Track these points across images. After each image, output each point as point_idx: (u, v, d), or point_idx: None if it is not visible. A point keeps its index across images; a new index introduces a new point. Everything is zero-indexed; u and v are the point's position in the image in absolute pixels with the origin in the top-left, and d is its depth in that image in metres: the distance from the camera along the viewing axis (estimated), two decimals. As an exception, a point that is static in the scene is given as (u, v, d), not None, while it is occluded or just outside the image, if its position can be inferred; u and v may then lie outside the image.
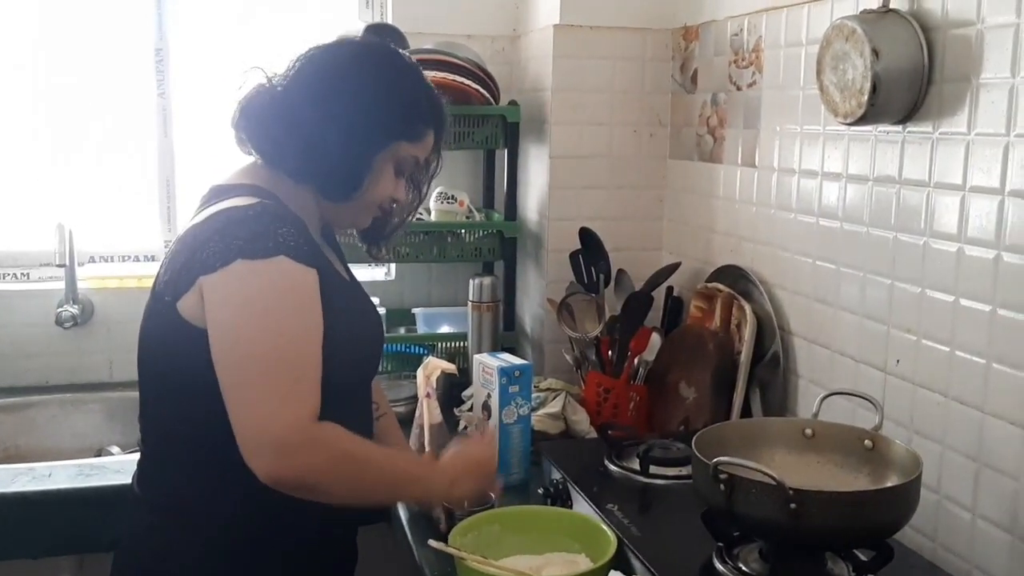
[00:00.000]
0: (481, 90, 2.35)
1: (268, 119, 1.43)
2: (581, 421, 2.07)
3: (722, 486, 1.26)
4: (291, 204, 1.42)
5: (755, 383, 1.98)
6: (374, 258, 1.72)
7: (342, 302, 1.43)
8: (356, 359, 1.48)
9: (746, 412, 1.98)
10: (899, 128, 1.56)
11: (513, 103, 2.44)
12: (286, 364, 1.29)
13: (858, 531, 1.25)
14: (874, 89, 1.47)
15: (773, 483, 1.21)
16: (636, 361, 2.15)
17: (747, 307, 1.97)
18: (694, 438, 1.39)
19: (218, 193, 1.43)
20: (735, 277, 2.06)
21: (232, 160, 1.51)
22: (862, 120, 1.52)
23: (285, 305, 1.31)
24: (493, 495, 1.63)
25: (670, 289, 2.28)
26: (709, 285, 2.11)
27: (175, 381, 1.38)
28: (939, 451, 1.48)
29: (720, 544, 1.39)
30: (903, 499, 1.26)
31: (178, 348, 1.35)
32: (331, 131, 1.39)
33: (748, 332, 1.95)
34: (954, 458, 1.46)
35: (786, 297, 1.91)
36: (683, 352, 2.11)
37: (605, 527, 1.46)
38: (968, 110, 1.42)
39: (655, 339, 2.15)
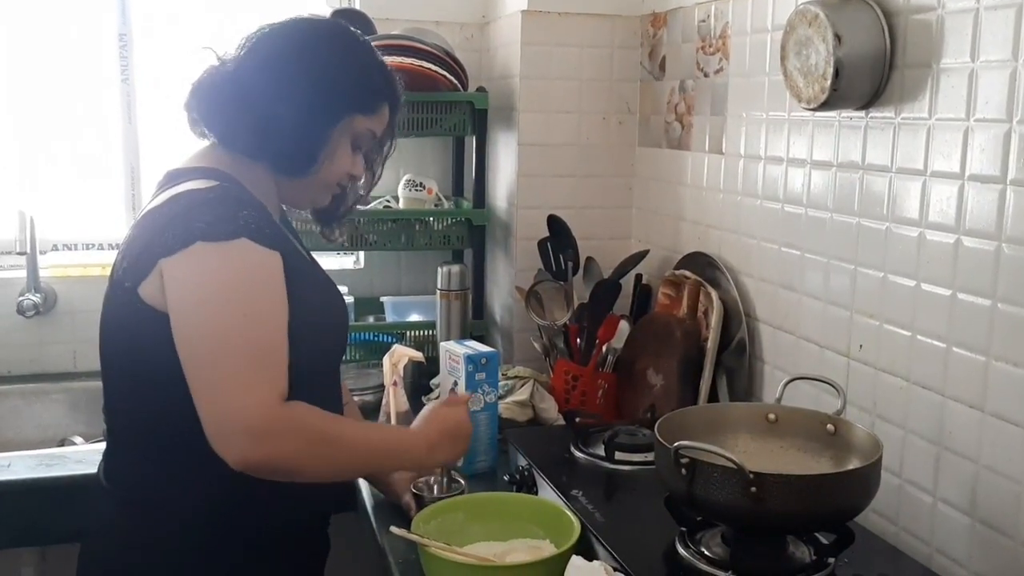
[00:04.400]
0: (448, 76, 2.33)
1: (220, 98, 1.41)
2: (549, 409, 2.07)
3: (683, 471, 1.26)
4: (250, 187, 1.41)
5: (722, 370, 1.98)
6: (329, 240, 1.70)
7: (306, 286, 1.41)
8: (323, 343, 1.47)
9: (713, 398, 1.98)
10: (862, 114, 1.56)
11: (481, 90, 2.43)
12: (251, 347, 1.27)
13: (819, 515, 1.26)
14: (836, 74, 1.47)
15: (734, 467, 1.20)
16: (604, 349, 2.14)
17: (714, 294, 1.97)
18: (657, 424, 1.39)
19: (174, 177, 1.41)
20: (703, 264, 2.06)
21: (194, 146, 1.50)
22: (825, 105, 1.52)
23: (248, 288, 1.29)
24: (462, 480, 1.62)
25: (639, 277, 2.28)
26: (677, 272, 2.11)
27: (139, 369, 1.36)
28: (901, 435, 1.49)
29: (683, 529, 1.39)
30: (863, 482, 1.26)
31: (141, 335, 1.33)
32: (283, 106, 1.38)
33: (715, 319, 1.95)
34: (915, 442, 1.47)
35: (752, 284, 1.91)
36: (651, 339, 2.11)
37: (569, 513, 1.46)
38: (929, 95, 1.42)
39: (623, 327, 2.15)
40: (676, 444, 1.25)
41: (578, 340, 2.20)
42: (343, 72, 1.43)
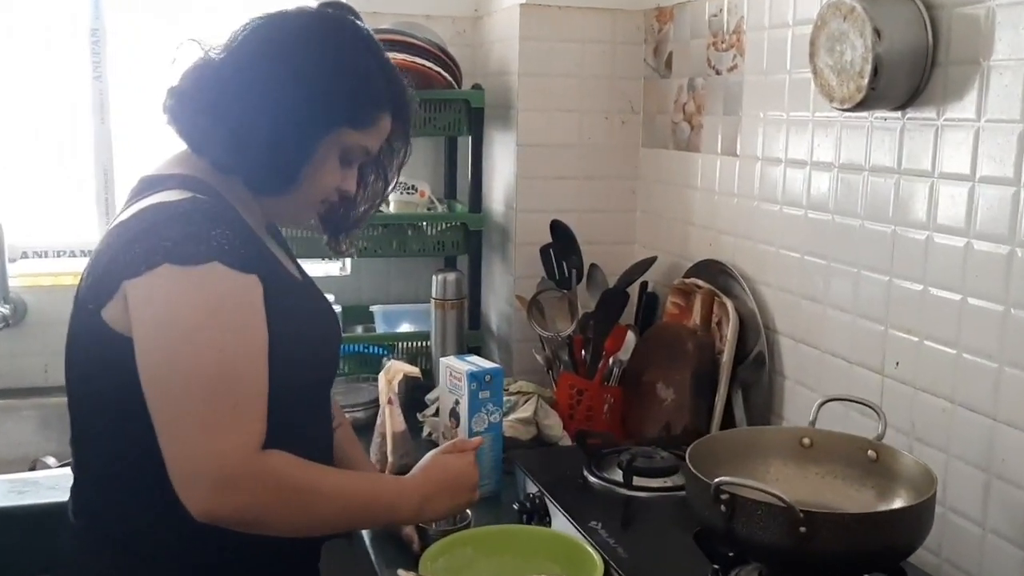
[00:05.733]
0: (443, 73, 2.21)
1: (196, 103, 1.26)
2: (553, 426, 1.95)
3: (723, 507, 1.15)
4: (230, 196, 1.27)
5: (737, 384, 1.88)
6: (336, 252, 1.56)
7: (292, 305, 1.28)
8: (311, 365, 1.34)
9: (728, 414, 1.87)
10: (898, 114, 1.45)
11: (477, 87, 2.31)
12: (222, 388, 1.14)
13: (871, 555, 1.15)
14: (875, 72, 1.36)
15: (782, 505, 1.10)
16: (611, 361, 2.03)
17: (729, 304, 1.86)
18: (688, 453, 1.28)
19: (149, 185, 1.27)
20: (715, 272, 1.95)
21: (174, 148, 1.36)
22: (861, 105, 1.41)
23: (219, 320, 1.15)
24: (469, 511, 1.50)
25: (644, 285, 2.17)
26: (687, 281, 2.00)
27: (107, 398, 1.23)
28: (943, 460, 1.39)
29: (716, 567, 1.28)
30: (918, 520, 1.15)
31: (107, 361, 1.20)
32: (261, 115, 1.23)
33: (731, 331, 1.84)
34: (961, 468, 1.36)
35: (771, 294, 1.80)
36: (660, 351, 2.00)
37: (589, 548, 1.34)
38: (977, 95, 1.31)
39: (631, 338, 2.04)
40: (717, 480, 1.14)
41: (583, 352, 2.09)
42: (335, 79, 1.26)
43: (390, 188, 1.47)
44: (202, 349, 1.13)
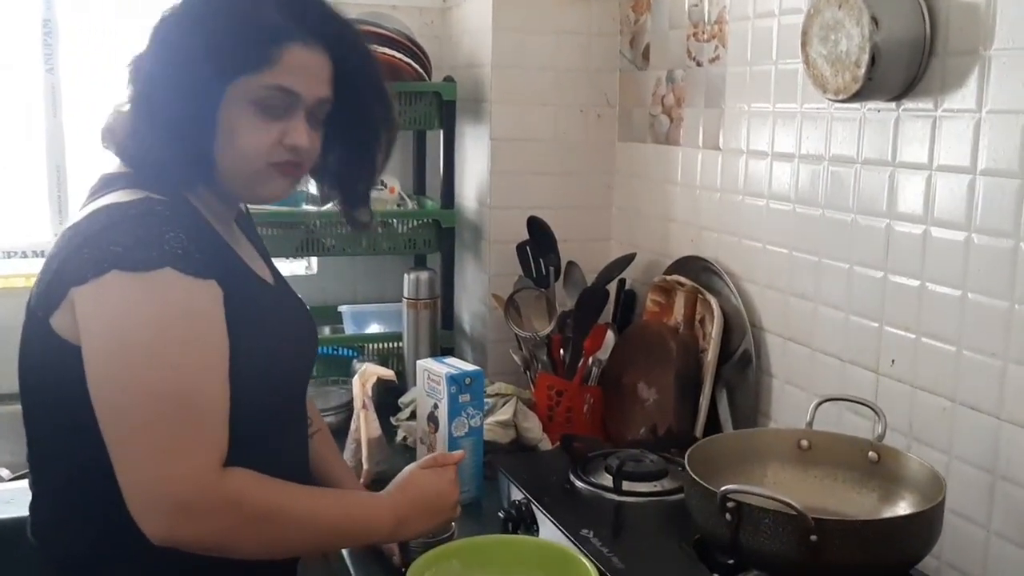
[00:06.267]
0: (414, 64, 2.14)
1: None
2: (533, 429, 1.89)
3: (728, 516, 1.10)
4: (191, 195, 1.19)
5: (721, 384, 1.83)
6: (357, 226, 1.41)
7: (259, 310, 1.20)
8: (281, 374, 1.26)
9: (712, 414, 1.83)
10: (892, 105, 1.41)
11: (449, 79, 2.24)
12: (178, 407, 1.06)
13: (881, 564, 1.10)
14: (873, 61, 1.32)
15: (792, 513, 1.05)
16: (590, 361, 1.98)
17: (713, 302, 1.81)
18: (687, 458, 1.23)
19: (107, 183, 1.18)
20: (697, 269, 1.90)
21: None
22: (857, 96, 1.37)
23: (173, 333, 1.07)
24: (453, 524, 1.43)
25: (622, 282, 2.12)
26: (668, 278, 1.95)
27: (61, 411, 1.14)
28: (944, 461, 1.35)
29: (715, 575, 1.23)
30: (931, 525, 1.12)
31: (59, 372, 1.11)
32: (153, 99, 1.12)
33: (715, 329, 1.80)
34: (963, 469, 1.33)
35: (757, 291, 1.76)
36: (641, 350, 1.95)
37: (583, 559, 1.28)
38: (977, 85, 1.28)
39: (611, 337, 1.98)
40: (724, 489, 1.09)
41: (561, 352, 2.03)
42: (204, 36, 1.11)
43: (382, 128, 1.29)
44: (155, 365, 1.05)
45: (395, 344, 2.24)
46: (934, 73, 1.34)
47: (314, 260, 2.50)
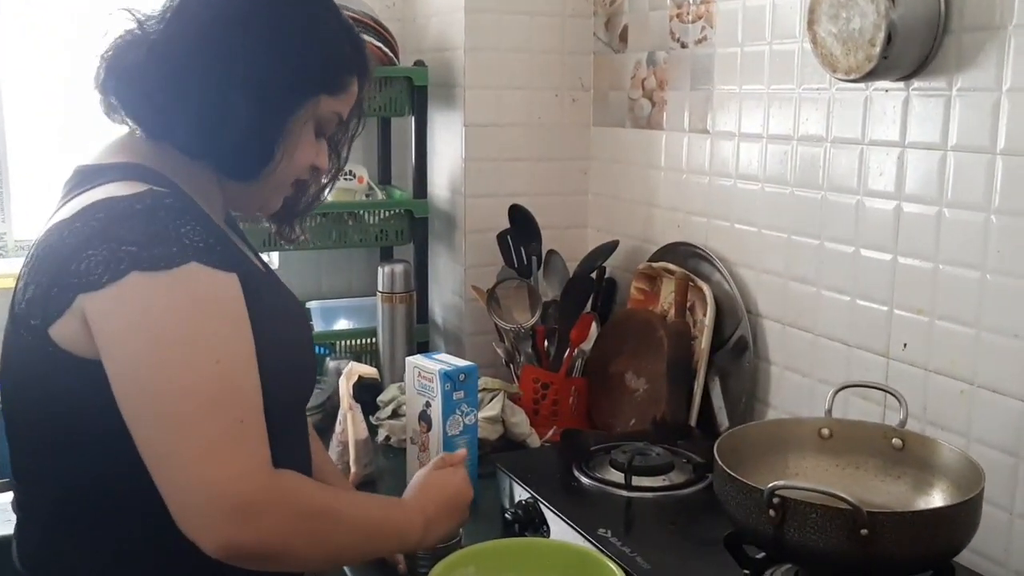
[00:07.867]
0: (383, 48, 2.06)
1: (146, 79, 1.08)
2: (520, 424, 1.84)
3: (772, 511, 1.06)
4: (186, 186, 1.10)
5: (714, 372, 1.80)
6: (287, 241, 1.39)
7: (268, 306, 1.12)
8: (295, 373, 1.19)
9: (706, 402, 1.79)
10: (901, 85, 1.39)
11: (420, 63, 2.16)
12: (225, 403, 0.98)
13: (929, 554, 1.08)
14: (889, 40, 1.29)
15: (846, 508, 1.01)
16: (575, 352, 1.93)
17: (706, 288, 1.77)
18: (716, 448, 1.18)
19: (88, 177, 1.08)
20: (684, 256, 1.87)
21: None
22: (870, 76, 1.34)
23: (210, 328, 1.00)
24: (461, 529, 1.37)
25: (602, 270, 2.07)
26: (655, 265, 1.91)
27: (58, 428, 1.05)
28: (963, 444, 1.33)
29: (746, 572, 1.19)
30: (974, 513, 1.09)
31: (58, 386, 1.02)
32: (231, 91, 1.06)
33: (708, 316, 1.76)
34: (984, 452, 1.30)
35: (752, 276, 1.73)
36: (628, 339, 1.91)
37: (609, 561, 1.23)
38: (996, 62, 1.25)
39: (594, 327, 1.94)
40: (772, 485, 1.04)
41: (546, 343, 1.97)
42: (307, 43, 1.11)
43: (342, 164, 1.30)
44: (196, 363, 0.97)
45: (369, 340, 2.15)
46: (948, 51, 1.32)
47: (275, 255, 2.40)
